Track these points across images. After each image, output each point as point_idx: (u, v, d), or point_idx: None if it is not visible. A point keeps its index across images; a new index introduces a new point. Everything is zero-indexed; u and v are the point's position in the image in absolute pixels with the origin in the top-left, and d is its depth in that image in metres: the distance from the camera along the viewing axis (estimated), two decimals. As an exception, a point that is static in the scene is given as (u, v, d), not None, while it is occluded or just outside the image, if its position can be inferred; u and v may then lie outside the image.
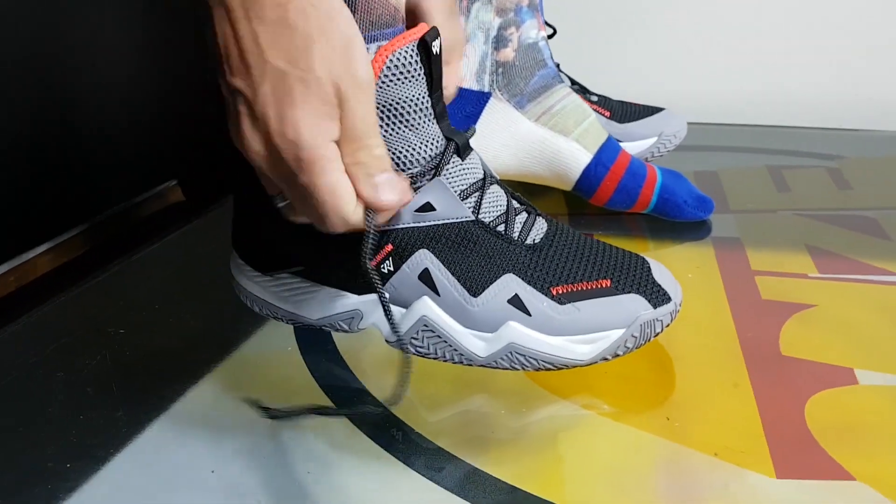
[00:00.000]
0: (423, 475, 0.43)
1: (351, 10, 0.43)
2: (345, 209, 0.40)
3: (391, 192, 0.42)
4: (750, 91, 1.19)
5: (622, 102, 0.89)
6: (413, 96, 0.45)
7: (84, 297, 0.64)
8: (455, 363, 0.48)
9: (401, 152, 0.45)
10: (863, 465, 0.43)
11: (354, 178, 0.41)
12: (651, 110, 0.88)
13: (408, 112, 0.45)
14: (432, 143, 0.46)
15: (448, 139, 0.47)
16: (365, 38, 0.44)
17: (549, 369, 0.48)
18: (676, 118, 0.88)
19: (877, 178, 0.89)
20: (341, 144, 0.40)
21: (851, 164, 0.92)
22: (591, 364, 0.48)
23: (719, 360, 0.53)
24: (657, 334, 0.49)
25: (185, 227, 0.76)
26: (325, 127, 0.39)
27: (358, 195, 0.41)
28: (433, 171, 0.46)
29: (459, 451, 0.45)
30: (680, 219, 0.76)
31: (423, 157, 0.46)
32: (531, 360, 0.47)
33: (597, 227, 0.52)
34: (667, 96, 0.91)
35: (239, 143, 0.41)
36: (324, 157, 0.39)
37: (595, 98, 0.89)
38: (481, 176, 0.49)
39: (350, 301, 0.50)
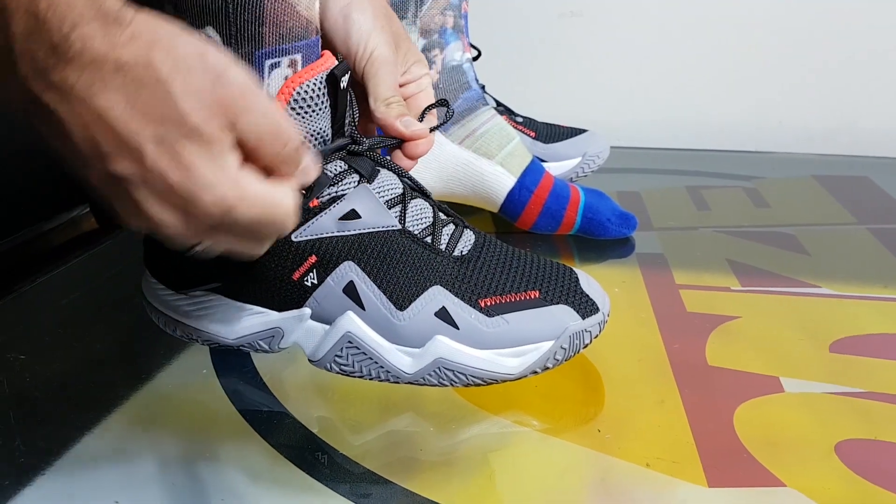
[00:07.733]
0: (350, 500, 0.41)
1: (259, 23, 0.42)
2: (287, 221, 0.38)
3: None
4: (669, 116, 1.22)
5: (547, 124, 0.90)
6: (316, 130, 0.45)
7: (-20, 324, 0.59)
8: (381, 381, 0.47)
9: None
10: (792, 471, 0.43)
11: (285, 177, 0.38)
12: (575, 131, 0.89)
13: (310, 145, 0.45)
14: (335, 174, 0.46)
15: (352, 166, 0.46)
16: (276, 52, 0.43)
17: (478, 385, 0.47)
18: (599, 139, 0.89)
19: (792, 196, 0.92)
20: (255, 155, 0.37)
21: (767, 185, 0.95)
22: (520, 378, 0.47)
23: (648, 372, 0.53)
24: (586, 345, 0.48)
25: (91, 249, 0.72)
26: (229, 162, 0.35)
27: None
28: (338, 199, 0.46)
29: (387, 474, 0.43)
30: (605, 237, 0.76)
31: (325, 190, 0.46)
32: (460, 375, 0.46)
33: (524, 246, 0.51)
34: (589, 124, 0.92)
35: (145, 226, 0.36)
36: (246, 187, 0.36)
37: (520, 119, 0.89)
38: (400, 191, 0.48)
39: (270, 318, 0.47)
